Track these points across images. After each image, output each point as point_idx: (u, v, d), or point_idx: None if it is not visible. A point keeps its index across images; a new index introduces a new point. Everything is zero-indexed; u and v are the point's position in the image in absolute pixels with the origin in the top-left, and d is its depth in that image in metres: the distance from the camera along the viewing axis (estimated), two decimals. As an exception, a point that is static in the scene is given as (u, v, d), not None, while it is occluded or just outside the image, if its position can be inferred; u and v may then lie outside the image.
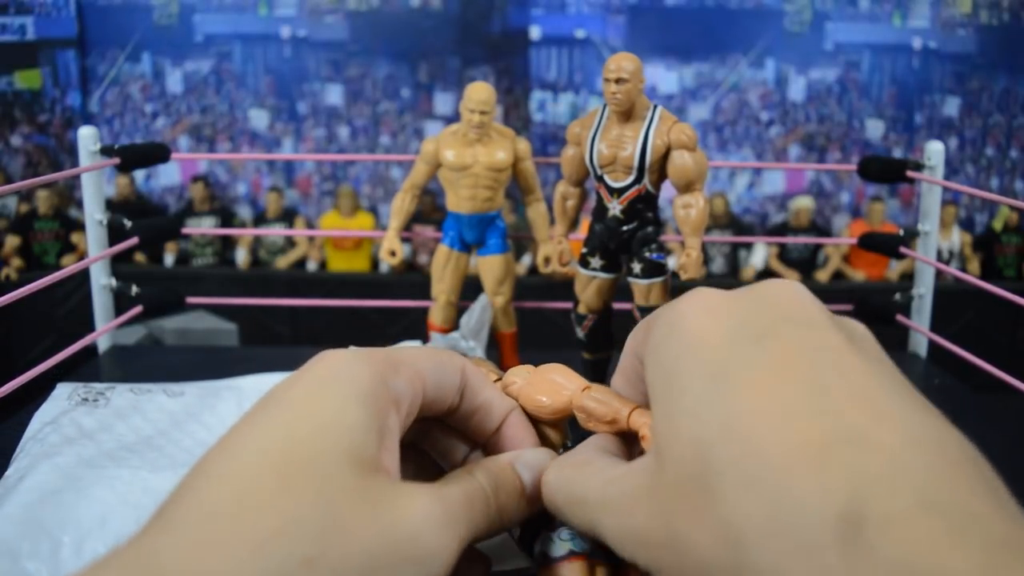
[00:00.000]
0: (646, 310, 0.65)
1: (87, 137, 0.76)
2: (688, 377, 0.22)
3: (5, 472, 0.51)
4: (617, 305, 0.69)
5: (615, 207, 0.64)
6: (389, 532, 0.22)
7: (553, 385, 0.38)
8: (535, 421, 0.41)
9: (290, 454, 0.22)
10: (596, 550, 0.37)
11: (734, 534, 0.19)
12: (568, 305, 0.70)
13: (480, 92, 0.71)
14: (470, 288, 0.79)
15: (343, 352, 0.25)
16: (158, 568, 0.19)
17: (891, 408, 0.20)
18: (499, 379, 0.46)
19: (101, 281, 0.81)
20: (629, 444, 0.32)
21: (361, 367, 0.25)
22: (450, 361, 0.29)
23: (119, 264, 2.00)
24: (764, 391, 0.21)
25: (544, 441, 0.42)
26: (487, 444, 0.32)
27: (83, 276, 0.79)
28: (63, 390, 0.61)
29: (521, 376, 0.39)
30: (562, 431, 0.41)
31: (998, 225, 2.75)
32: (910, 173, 0.81)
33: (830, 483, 0.18)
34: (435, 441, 0.32)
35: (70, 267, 0.69)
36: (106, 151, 0.76)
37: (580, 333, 0.68)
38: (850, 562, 0.17)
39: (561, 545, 0.39)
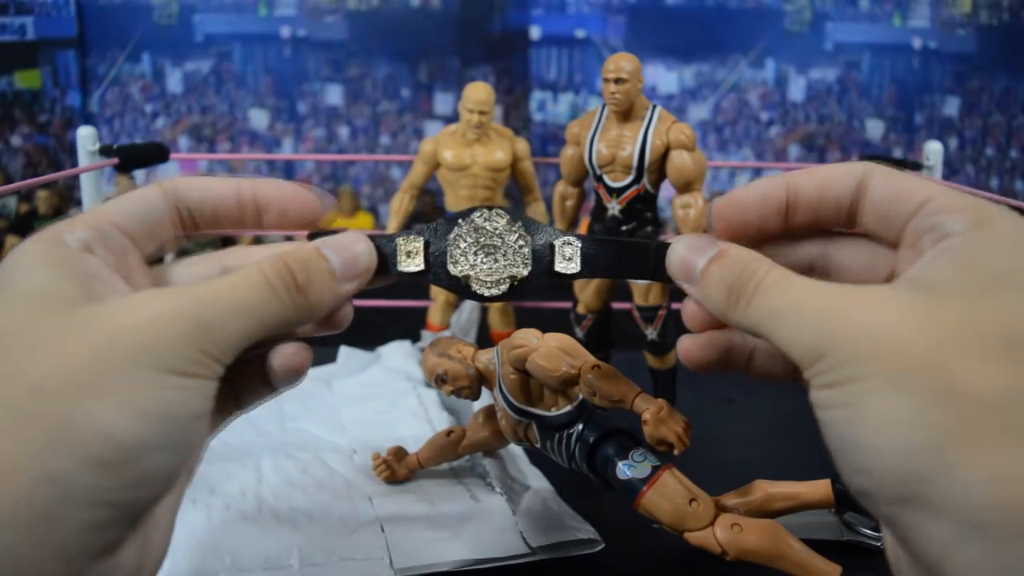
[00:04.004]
0: (645, 310, 0.65)
1: (85, 137, 0.76)
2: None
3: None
4: (616, 305, 0.69)
5: (614, 207, 0.64)
6: (100, 335, 0.22)
7: (566, 357, 0.41)
8: (536, 381, 0.44)
9: None
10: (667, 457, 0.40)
11: None
12: (567, 305, 0.70)
13: (479, 92, 0.71)
14: (469, 288, 0.78)
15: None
16: None
17: None
18: (474, 353, 0.48)
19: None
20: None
21: (30, 248, 0.25)
22: (143, 192, 0.28)
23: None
24: None
25: (541, 402, 0.44)
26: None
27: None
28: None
29: (533, 338, 0.42)
30: (567, 396, 0.44)
31: (998, 225, 2.75)
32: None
33: None
34: None
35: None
36: (104, 151, 0.76)
37: (579, 333, 0.68)
38: None
39: (641, 467, 0.42)
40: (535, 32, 2.98)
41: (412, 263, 0.30)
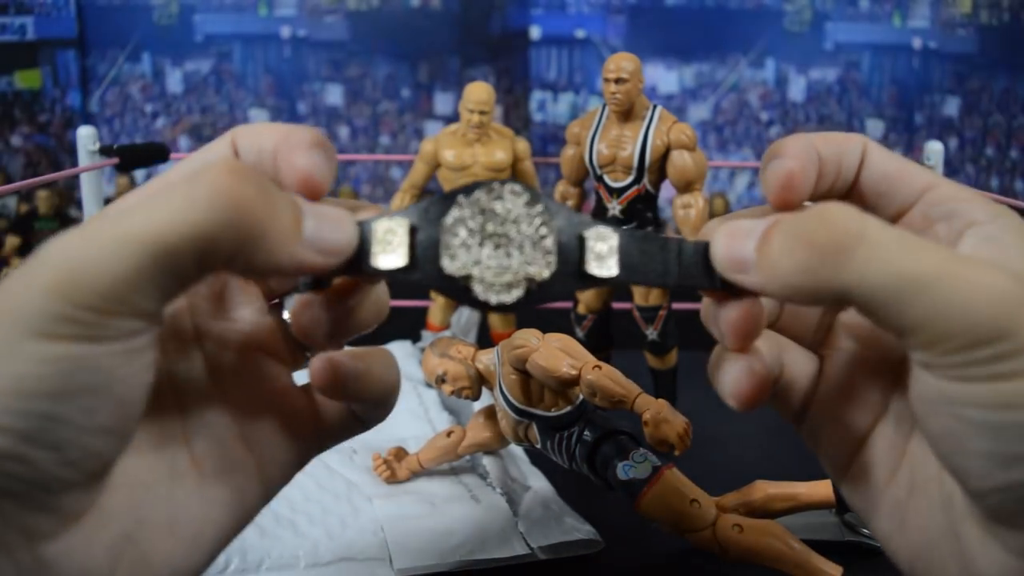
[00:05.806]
0: (645, 310, 0.65)
1: (85, 137, 0.76)
2: None
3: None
4: (616, 305, 0.69)
5: (615, 207, 0.64)
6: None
7: (566, 357, 0.41)
8: (537, 382, 0.44)
9: None
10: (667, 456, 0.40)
11: None
12: (567, 305, 0.70)
13: (479, 92, 0.71)
14: (469, 288, 0.79)
15: None
16: None
17: None
18: (474, 353, 0.48)
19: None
20: None
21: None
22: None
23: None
24: None
25: (541, 402, 0.44)
26: None
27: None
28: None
29: (533, 339, 0.42)
30: (567, 396, 0.44)
31: (998, 225, 2.75)
32: (910, 173, 0.81)
33: None
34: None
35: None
36: (105, 151, 0.76)
37: (580, 333, 0.68)
38: None
39: (642, 468, 0.42)
40: (535, 32, 2.98)
41: (391, 255, 0.22)
